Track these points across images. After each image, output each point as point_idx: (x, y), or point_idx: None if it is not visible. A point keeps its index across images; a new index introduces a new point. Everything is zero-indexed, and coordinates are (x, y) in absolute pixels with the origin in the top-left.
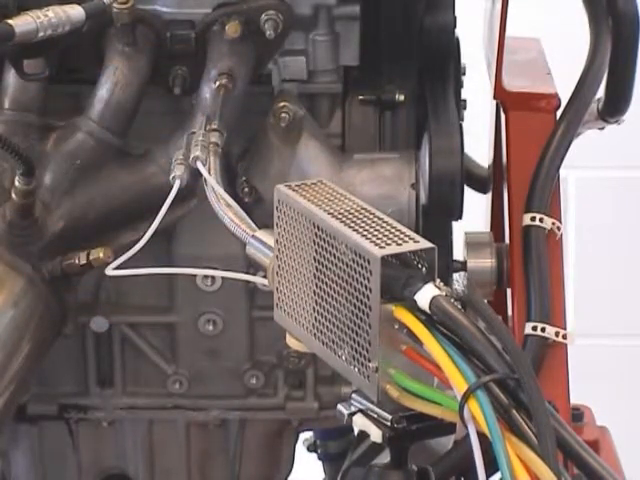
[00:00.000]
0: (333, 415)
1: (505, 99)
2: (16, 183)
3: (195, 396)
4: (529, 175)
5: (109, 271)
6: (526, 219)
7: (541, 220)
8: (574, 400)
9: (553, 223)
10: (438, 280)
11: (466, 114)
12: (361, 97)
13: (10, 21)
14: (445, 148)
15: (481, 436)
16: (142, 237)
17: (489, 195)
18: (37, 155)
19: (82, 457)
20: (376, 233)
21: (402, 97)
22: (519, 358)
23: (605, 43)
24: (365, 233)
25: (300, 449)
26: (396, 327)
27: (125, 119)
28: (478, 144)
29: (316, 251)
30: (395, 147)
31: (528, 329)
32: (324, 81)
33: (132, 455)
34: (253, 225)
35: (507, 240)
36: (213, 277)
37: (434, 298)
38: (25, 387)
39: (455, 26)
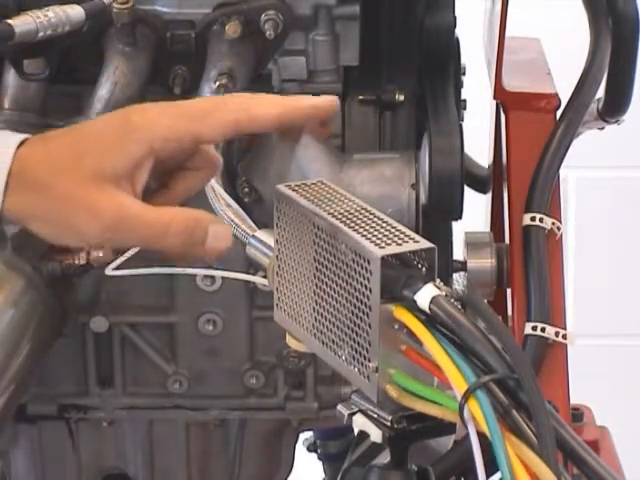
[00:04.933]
0: (333, 415)
1: (505, 99)
2: None
3: (195, 396)
4: (529, 175)
5: (109, 271)
6: (526, 219)
7: (541, 220)
8: (574, 400)
9: (553, 223)
10: (438, 280)
11: (466, 114)
12: (361, 97)
13: (10, 21)
14: (445, 148)
15: (481, 436)
16: None
17: (489, 195)
18: None
19: (82, 457)
20: (376, 233)
21: (402, 97)
22: (519, 358)
23: (605, 43)
24: (365, 233)
25: (300, 449)
26: (396, 327)
27: None
28: (478, 144)
29: (316, 251)
30: (395, 147)
31: (528, 329)
32: (324, 81)
33: (132, 455)
34: (253, 225)
35: (507, 240)
36: (213, 277)
37: (434, 298)
38: (25, 387)
39: (455, 26)
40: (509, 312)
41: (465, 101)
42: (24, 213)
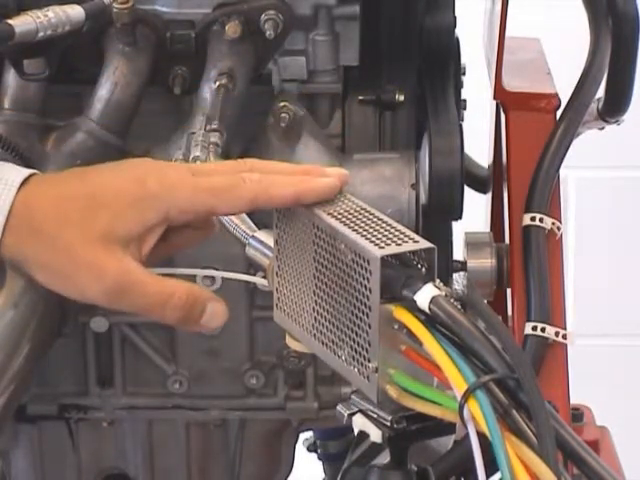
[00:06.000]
0: (333, 415)
1: (505, 99)
2: None
3: (195, 396)
4: (529, 175)
5: None
6: (526, 219)
7: (541, 220)
8: (574, 400)
9: (553, 223)
10: (438, 280)
11: (466, 114)
12: (361, 97)
13: (10, 21)
14: (445, 148)
15: (481, 436)
16: None
17: (489, 195)
18: (37, 155)
19: (82, 457)
20: (376, 233)
21: (402, 97)
22: (519, 358)
23: (605, 43)
24: (365, 233)
25: (300, 449)
26: (396, 327)
27: (125, 119)
28: (478, 144)
29: (315, 251)
30: (395, 147)
31: (528, 329)
32: (324, 81)
33: (132, 455)
34: (253, 225)
35: (507, 240)
36: (213, 277)
37: (434, 298)
38: (25, 387)
39: (455, 26)
40: (509, 312)
41: (465, 101)
42: (25, 257)
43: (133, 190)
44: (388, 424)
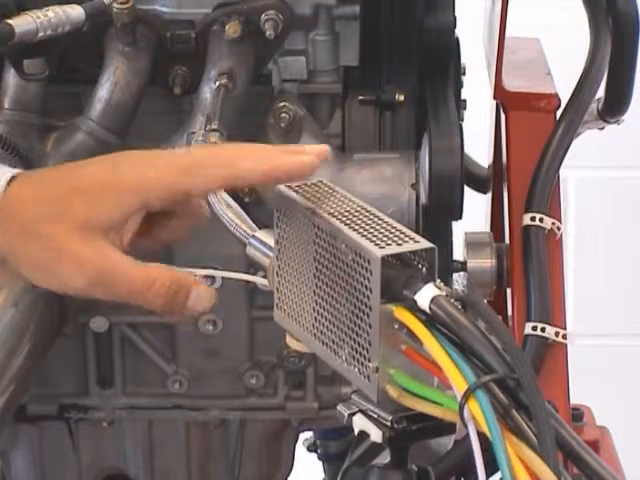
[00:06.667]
0: (333, 415)
1: (505, 99)
2: None
3: (195, 396)
4: (529, 175)
5: None
6: (526, 219)
7: (541, 220)
8: (574, 400)
9: (553, 223)
10: (438, 280)
11: (466, 114)
12: (361, 97)
13: (10, 21)
14: (445, 148)
15: (481, 436)
16: None
17: (489, 195)
18: (37, 155)
19: (82, 457)
20: (376, 233)
21: (402, 97)
22: (519, 358)
23: (605, 43)
24: (365, 233)
25: (300, 449)
26: (396, 327)
27: (125, 119)
28: (478, 144)
29: (316, 251)
30: (395, 147)
31: (528, 329)
32: (324, 81)
33: (132, 455)
34: (253, 225)
35: (507, 240)
36: (213, 277)
37: (434, 298)
38: (25, 387)
39: (455, 26)
40: (509, 312)
41: (465, 101)
42: (14, 256)
43: (108, 179)
44: (388, 424)
